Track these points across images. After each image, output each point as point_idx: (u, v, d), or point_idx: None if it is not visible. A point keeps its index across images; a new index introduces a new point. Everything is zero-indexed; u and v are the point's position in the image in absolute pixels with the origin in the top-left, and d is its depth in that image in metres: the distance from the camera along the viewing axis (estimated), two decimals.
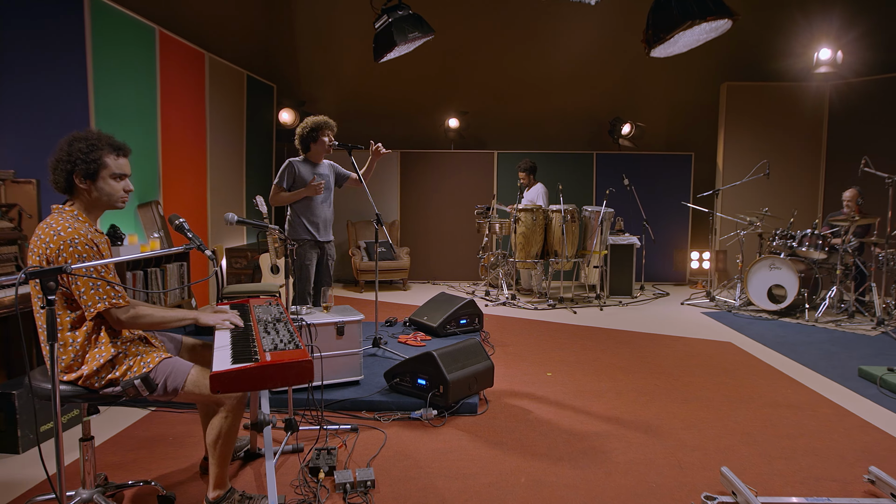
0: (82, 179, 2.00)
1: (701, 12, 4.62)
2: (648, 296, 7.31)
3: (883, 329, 5.29)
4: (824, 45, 7.13)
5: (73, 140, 1.99)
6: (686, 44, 5.11)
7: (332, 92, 8.64)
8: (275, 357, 1.76)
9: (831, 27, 7.49)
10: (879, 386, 3.76)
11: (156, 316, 2.02)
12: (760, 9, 7.71)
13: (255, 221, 2.83)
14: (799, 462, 2.73)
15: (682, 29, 4.74)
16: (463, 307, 5.03)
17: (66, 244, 1.89)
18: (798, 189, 7.68)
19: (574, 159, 8.29)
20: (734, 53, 7.89)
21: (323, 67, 8.56)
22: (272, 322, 2.23)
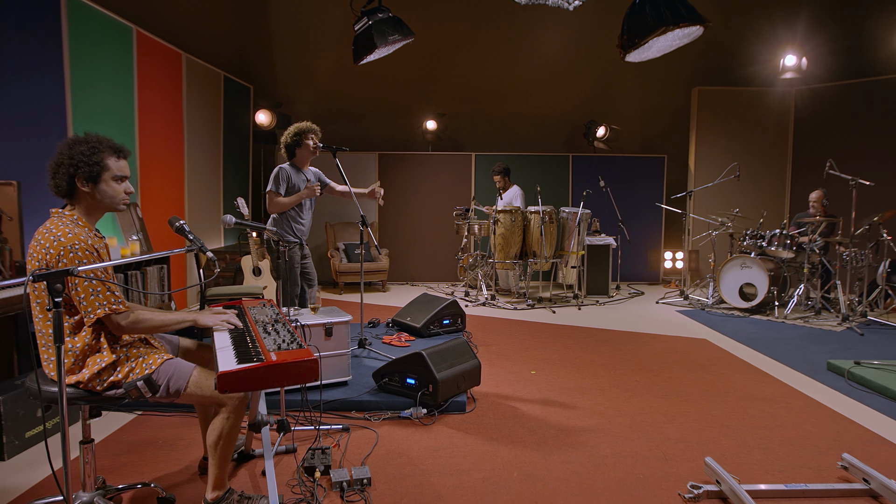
0: (84, 182, 1.99)
1: (674, 19, 4.77)
2: (624, 295, 7.47)
3: (848, 324, 5.51)
4: (789, 52, 7.40)
5: (74, 143, 1.98)
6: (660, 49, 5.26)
7: (309, 93, 8.61)
8: (280, 357, 1.79)
9: (796, 35, 7.78)
10: (847, 378, 3.93)
11: (155, 320, 2.02)
12: (730, 16, 7.95)
13: (253, 223, 2.83)
14: (776, 451, 2.85)
15: (656, 35, 4.88)
16: (446, 308, 5.08)
17: (66, 250, 1.88)
18: (766, 190, 7.94)
19: (550, 161, 8.42)
20: (705, 59, 8.12)
21: (300, 68, 8.53)
22: (270, 323, 2.25)
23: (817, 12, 7.89)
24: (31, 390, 1.97)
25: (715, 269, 6.68)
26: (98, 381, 1.96)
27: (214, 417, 2.10)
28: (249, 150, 7.98)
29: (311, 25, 8.33)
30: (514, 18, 8.23)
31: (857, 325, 5.43)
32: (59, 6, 4.18)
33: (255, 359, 1.80)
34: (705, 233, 7.29)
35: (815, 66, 7.73)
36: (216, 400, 2.07)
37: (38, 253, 1.92)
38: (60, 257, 1.87)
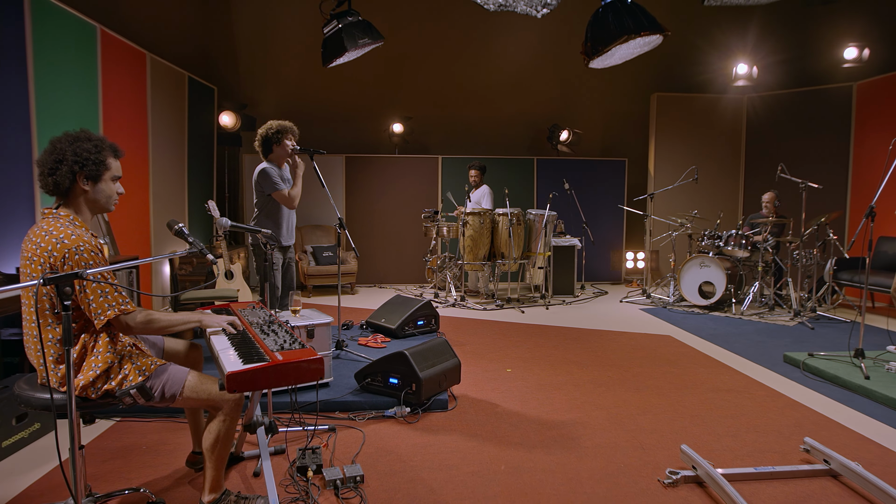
0: (85, 180, 1.97)
1: (636, 28, 4.98)
2: (589, 294, 7.68)
3: (799, 319, 5.83)
4: (741, 61, 7.77)
5: (76, 140, 1.95)
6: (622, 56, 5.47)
7: (274, 95, 8.54)
8: (286, 356, 1.82)
9: (747, 45, 8.18)
10: (803, 369, 4.18)
11: (164, 320, 2.02)
12: (687, 26, 8.28)
13: (247, 226, 2.83)
14: (743, 438, 3.03)
15: (618, 43, 5.09)
16: (420, 309, 5.14)
17: (72, 252, 1.85)
18: (722, 192, 8.30)
19: (516, 164, 8.59)
20: (663, 67, 8.43)
21: (264, 70, 8.45)
22: (265, 325, 2.27)
23: (766, 24, 8.31)
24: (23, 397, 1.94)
25: (675, 268, 6.95)
26: (93, 390, 1.95)
27: (210, 421, 2.11)
28: (214, 152, 7.85)
29: (275, 26, 8.27)
30: (480, 24, 8.37)
31: (808, 320, 5.76)
32: (23, 3, 4.06)
33: (261, 359, 1.83)
34: (665, 233, 7.57)
35: (766, 74, 8.13)
36: (212, 403, 2.08)
37: (39, 256, 1.89)
38: (66, 259, 1.85)
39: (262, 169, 4.09)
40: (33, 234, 1.95)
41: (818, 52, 7.93)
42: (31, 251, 1.91)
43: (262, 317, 2.42)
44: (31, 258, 1.91)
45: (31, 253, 1.91)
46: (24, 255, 1.95)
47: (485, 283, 7.52)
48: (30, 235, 1.95)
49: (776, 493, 2.45)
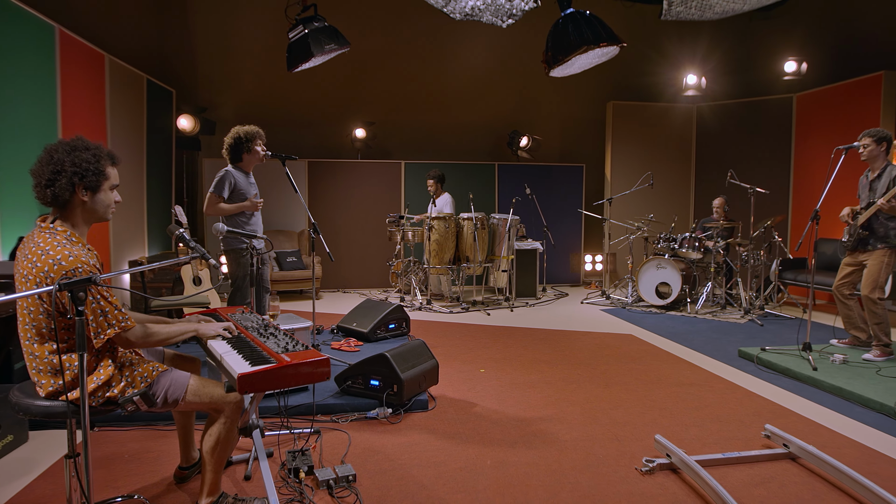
0: (84, 191, 1.93)
1: (595, 39, 5.21)
2: (551, 297, 7.89)
3: (749, 317, 6.18)
4: (691, 72, 8.17)
5: (74, 149, 1.91)
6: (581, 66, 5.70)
7: (233, 98, 8.42)
8: (293, 357, 1.87)
9: (696, 56, 8.60)
10: (756, 363, 4.46)
11: (163, 333, 2.01)
12: (641, 38, 8.64)
13: (243, 232, 2.84)
14: (708, 427, 3.23)
15: (578, 53, 5.30)
16: (391, 312, 5.20)
17: (69, 274, 1.81)
18: (674, 197, 8.67)
19: (477, 169, 8.74)
20: (619, 76, 8.76)
21: (223, 73, 8.33)
22: (262, 328, 2.30)
23: (714, 37, 8.77)
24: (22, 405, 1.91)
25: (633, 270, 7.23)
26: (94, 398, 1.94)
27: (210, 424, 2.12)
28: (172, 156, 7.69)
29: (234, 29, 8.18)
30: (442, 31, 8.50)
31: (758, 318, 6.11)
32: None
33: (268, 361, 1.87)
34: (623, 236, 7.86)
35: (714, 84, 8.58)
36: (214, 406, 2.10)
37: (34, 276, 1.84)
38: None
39: (224, 171, 4.04)
40: (28, 250, 1.89)
41: (762, 65, 8.42)
42: (27, 269, 1.86)
43: (256, 321, 2.44)
44: (26, 276, 1.86)
45: (27, 271, 1.86)
46: (20, 272, 1.90)
47: (448, 287, 7.62)
48: (24, 251, 1.91)
49: (743, 476, 2.64)
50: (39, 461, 2.76)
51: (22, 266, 1.90)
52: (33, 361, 1.93)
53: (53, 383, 1.92)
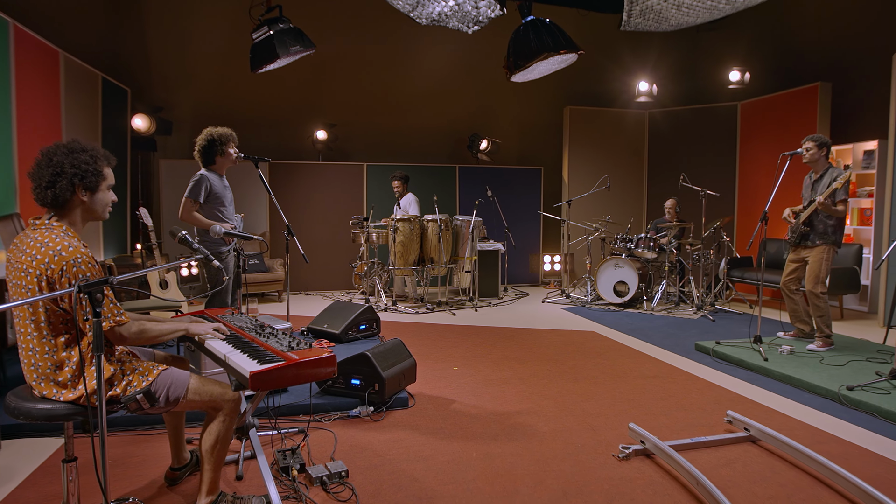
0: (83, 191, 1.96)
1: (555, 46, 5.42)
2: (512, 296, 8.08)
3: (701, 313, 6.52)
4: (643, 79, 8.53)
5: (72, 151, 1.94)
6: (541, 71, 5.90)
7: (190, 98, 8.25)
8: (302, 355, 1.92)
9: (647, 64, 8.98)
10: (712, 355, 4.74)
11: (154, 330, 2.03)
12: (596, 46, 8.93)
13: (243, 234, 2.84)
14: (675, 416, 3.44)
15: (539, 59, 5.51)
16: (362, 313, 5.24)
17: (70, 264, 1.84)
18: (629, 198, 9.02)
19: (439, 171, 8.85)
20: (575, 81, 9.04)
21: (179, 72, 8.15)
22: (258, 328, 2.33)
23: (664, 46, 9.17)
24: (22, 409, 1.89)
25: (591, 269, 7.49)
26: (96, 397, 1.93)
27: (209, 422, 2.14)
28: (128, 156, 7.47)
29: (191, 27, 8.02)
30: (404, 34, 8.57)
31: (709, 313, 6.46)
32: None
33: (277, 359, 1.92)
34: (581, 237, 8.13)
35: (665, 91, 8.98)
36: (213, 404, 2.12)
37: (33, 268, 1.85)
38: (64, 272, 1.83)
39: (200, 175, 3.98)
40: (24, 244, 1.91)
41: (708, 74, 8.87)
42: (26, 262, 1.87)
43: (248, 322, 2.47)
44: (25, 269, 1.87)
45: (26, 265, 1.87)
46: (16, 267, 1.90)
47: (413, 288, 7.70)
48: (19, 245, 1.92)
49: (710, 458, 2.84)
50: (18, 470, 2.69)
51: (19, 261, 1.90)
52: (32, 357, 1.92)
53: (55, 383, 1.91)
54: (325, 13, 8.25)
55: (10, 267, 1.94)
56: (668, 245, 6.87)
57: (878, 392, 3.61)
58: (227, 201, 4.07)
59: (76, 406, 1.92)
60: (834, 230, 4.55)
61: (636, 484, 2.57)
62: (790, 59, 8.07)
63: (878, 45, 6.76)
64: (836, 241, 4.56)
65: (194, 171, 4.04)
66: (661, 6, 4.93)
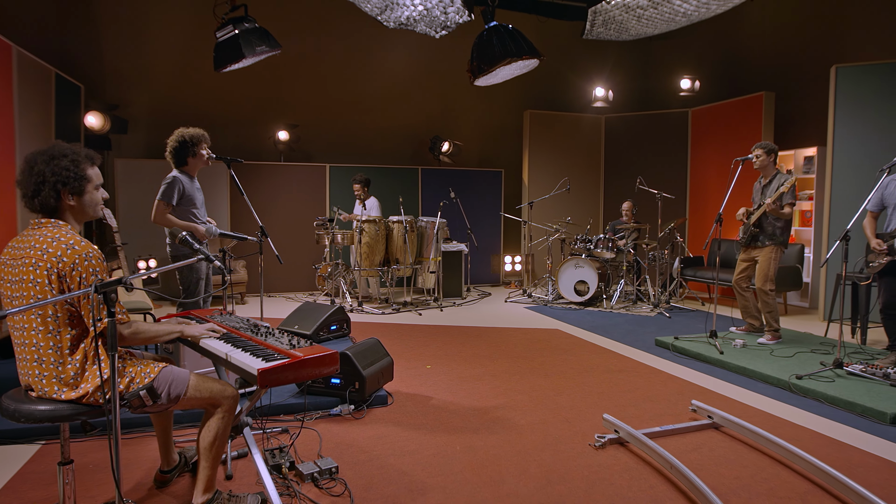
0: (70, 196, 1.98)
1: (517, 52, 5.59)
2: (475, 296, 8.22)
3: (658, 310, 6.82)
4: (599, 85, 8.83)
5: (52, 157, 1.95)
6: (504, 76, 6.07)
7: (145, 96, 8.03)
8: (306, 353, 1.97)
9: (604, 71, 9.30)
10: (672, 350, 4.99)
11: (150, 331, 2.04)
12: (555, 52, 9.20)
13: (236, 234, 2.84)
14: (642, 407, 3.63)
15: (502, 64, 5.67)
16: (333, 314, 5.26)
17: (82, 258, 1.86)
18: (586, 200, 9.31)
19: (402, 173, 8.91)
20: (535, 86, 9.27)
21: (134, 69, 7.92)
22: (253, 328, 2.36)
23: (619, 54, 9.52)
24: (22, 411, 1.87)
25: (552, 269, 7.71)
26: (101, 395, 1.94)
27: (208, 419, 2.17)
28: None
29: (147, 23, 7.82)
30: (365, 34, 8.61)
31: (665, 310, 6.76)
32: None
33: (282, 357, 1.96)
34: (541, 238, 8.35)
35: (620, 97, 9.31)
36: (212, 401, 2.15)
37: (43, 262, 1.86)
38: (76, 265, 1.84)
39: (173, 177, 3.92)
40: (31, 240, 1.91)
41: (661, 81, 9.26)
42: (35, 257, 1.88)
43: (240, 321, 2.49)
44: (34, 264, 1.87)
45: (35, 259, 1.88)
46: (19, 263, 1.89)
47: (376, 289, 7.74)
48: (21, 244, 1.91)
49: (678, 444, 3.03)
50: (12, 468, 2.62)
51: (25, 256, 1.90)
52: (36, 353, 1.91)
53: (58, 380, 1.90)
54: (287, 13, 8.20)
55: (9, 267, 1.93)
56: (625, 245, 7.15)
57: (824, 380, 3.91)
58: (198, 203, 4.03)
59: (80, 405, 1.92)
60: (781, 231, 4.87)
61: (613, 470, 2.73)
62: (737, 69, 8.53)
63: (817, 58, 7.24)
64: (783, 242, 4.89)
65: (151, 170, 4.00)
66: (622, 17, 5.16)
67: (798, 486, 2.59)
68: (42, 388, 1.91)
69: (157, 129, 8.00)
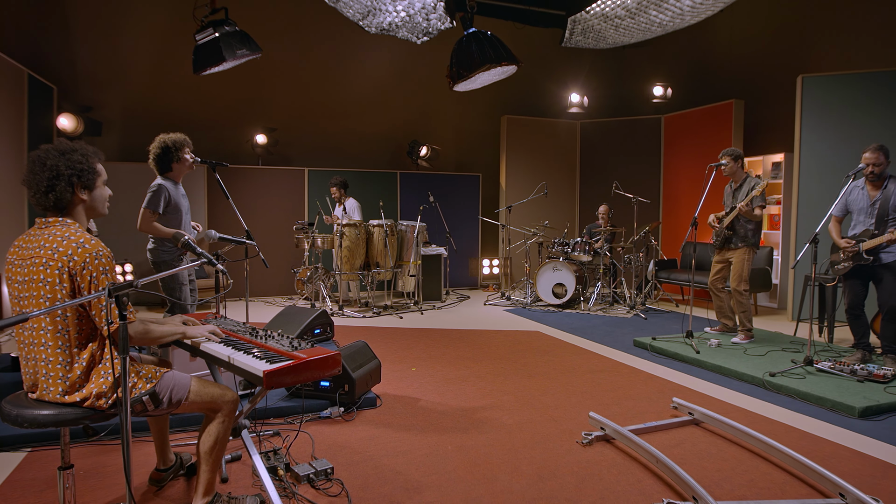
0: (82, 190, 1.99)
1: (496, 58, 5.70)
2: (454, 299, 8.29)
3: (634, 312, 6.98)
4: (574, 91, 9.01)
5: (64, 152, 1.96)
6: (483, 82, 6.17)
7: (120, 98, 7.91)
8: (309, 354, 2.00)
9: (579, 77, 9.48)
10: (650, 350, 5.12)
11: (157, 332, 2.04)
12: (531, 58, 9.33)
13: (235, 238, 2.84)
14: (625, 405, 3.74)
15: (481, 70, 5.77)
16: (317, 318, 5.26)
17: (92, 257, 1.87)
18: (562, 204, 9.46)
19: (380, 177, 8.94)
20: (512, 92, 9.39)
21: (108, 70, 7.79)
22: (250, 331, 2.38)
23: (594, 61, 9.72)
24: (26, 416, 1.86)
25: (531, 272, 7.82)
26: (104, 400, 1.94)
27: (208, 424, 2.18)
28: None
29: (121, 24, 7.71)
30: (343, 38, 8.63)
31: (641, 312, 6.93)
32: None
33: (286, 359, 1.99)
34: (519, 241, 8.47)
35: (595, 103, 9.50)
36: (213, 405, 2.16)
37: (54, 261, 1.86)
38: (87, 264, 1.86)
39: (158, 185, 3.87)
40: (40, 239, 1.91)
41: (635, 88, 9.48)
42: (46, 256, 1.88)
43: (237, 325, 2.51)
44: (45, 263, 1.88)
45: (45, 258, 1.88)
46: (28, 262, 1.90)
47: (357, 292, 7.75)
48: (30, 243, 1.91)
49: (661, 439, 3.13)
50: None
51: (35, 256, 1.90)
52: (43, 353, 1.90)
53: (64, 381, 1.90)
54: (266, 16, 8.17)
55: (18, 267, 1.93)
56: (601, 249, 7.30)
57: (796, 377, 4.08)
58: (184, 210, 4.00)
59: (84, 409, 1.92)
60: (753, 233, 5.05)
61: (602, 465, 2.82)
62: (707, 77, 8.79)
63: (784, 68, 7.52)
64: (755, 244, 5.07)
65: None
66: (601, 26, 5.31)
67: (776, 476, 2.72)
68: (47, 387, 1.91)
69: (131, 131, 7.89)
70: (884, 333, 4.29)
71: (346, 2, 5.61)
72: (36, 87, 6.47)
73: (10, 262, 1.97)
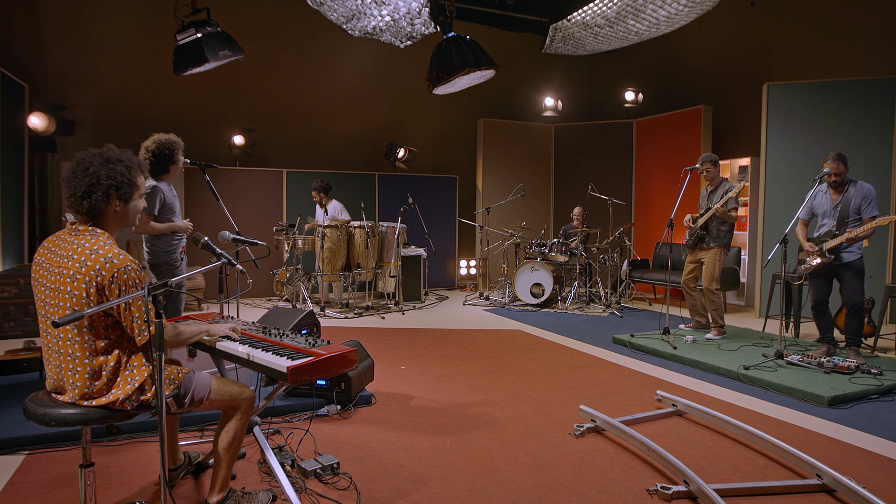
0: (118, 202, 1.99)
1: (475, 62, 5.84)
2: (434, 300, 8.39)
3: (610, 310, 7.20)
4: (548, 95, 9.22)
5: (108, 161, 1.96)
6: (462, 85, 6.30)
7: (93, 97, 7.77)
8: (328, 351, 2.08)
9: (553, 82, 9.70)
10: (629, 347, 5.32)
11: (186, 332, 2.08)
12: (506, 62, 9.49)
13: (248, 239, 2.88)
14: (611, 399, 3.90)
15: (461, 74, 5.90)
16: (304, 318, 5.26)
17: (121, 272, 1.87)
18: (537, 206, 9.66)
19: (358, 179, 8.99)
20: (488, 95, 9.55)
21: (80, 69, 7.65)
22: (261, 329, 2.45)
23: (568, 66, 9.95)
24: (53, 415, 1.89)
25: (508, 273, 7.98)
26: (129, 402, 1.97)
27: (227, 421, 2.23)
28: (25, 157, 6.92)
29: (94, 23, 7.58)
30: (321, 41, 8.65)
31: (617, 310, 7.15)
32: None
33: (305, 355, 2.06)
34: (497, 242, 8.62)
35: (569, 107, 9.73)
36: (232, 403, 2.22)
37: (82, 274, 1.87)
38: (115, 278, 1.87)
39: (153, 187, 3.87)
40: (69, 249, 1.92)
41: (607, 93, 9.75)
42: (73, 268, 1.89)
43: (248, 324, 2.57)
44: (72, 276, 1.88)
45: (73, 270, 1.89)
46: (56, 271, 1.91)
47: (338, 293, 7.78)
48: (58, 251, 1.93)
49: (648, 430, 3.30)
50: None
51: (63, 266, 1.91)
52: (71, 362, 1.93)
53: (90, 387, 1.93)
54: (244, 17, 8.14)
55: (46, 271, 1.94)
56: (577, 249, 7.51)
57: (768, 370, 4.31)
58: (176, 210, 4.02)
59: (109, 410, 1.95)
60: (726, 234, 5.30)
61: (595, 455, 2.96)
62: (677, 83, 9.10)
63: (751, 76, 7.85)
64: (727, 244, 5.32)
65: None
66: (580, 34, 5.49)
67: (757, 461, 2.91)
68: (73, 396, 1.94)
69: (105, 130, 7.75)
70: (847, 328, 4.57)
71: (331, 5, 5.66)
72: (6, 85, 6.33)
73: (38, 263, 1.99)
